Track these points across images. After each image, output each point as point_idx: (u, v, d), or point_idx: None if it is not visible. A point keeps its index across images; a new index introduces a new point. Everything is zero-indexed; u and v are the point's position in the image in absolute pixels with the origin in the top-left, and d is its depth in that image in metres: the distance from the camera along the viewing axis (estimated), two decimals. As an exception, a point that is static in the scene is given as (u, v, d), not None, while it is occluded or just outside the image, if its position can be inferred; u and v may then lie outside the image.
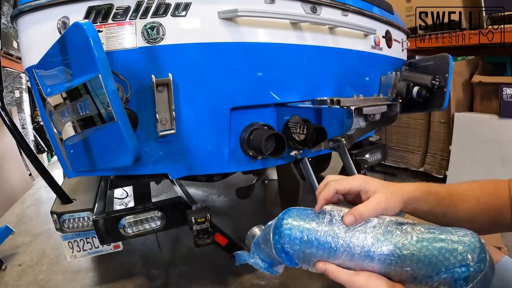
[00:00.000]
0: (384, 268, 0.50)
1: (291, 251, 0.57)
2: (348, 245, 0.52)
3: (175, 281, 1.86)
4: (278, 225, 0.59)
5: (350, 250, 0.52)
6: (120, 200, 2.80)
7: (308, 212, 0.59)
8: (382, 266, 0.50)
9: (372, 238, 0.51)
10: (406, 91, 1.64)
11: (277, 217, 0.61)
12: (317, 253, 0.54)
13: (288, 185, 1.49)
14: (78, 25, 0.83)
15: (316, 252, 0.54)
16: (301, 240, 0.55)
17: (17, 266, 2.11)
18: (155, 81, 1.00)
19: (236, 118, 1.21)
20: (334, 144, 1.52)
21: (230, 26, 1.07)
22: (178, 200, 1.39)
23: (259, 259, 0.67)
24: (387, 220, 0.53)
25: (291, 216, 0.59)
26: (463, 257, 0.45)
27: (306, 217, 0.58)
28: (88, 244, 1.40)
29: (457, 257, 0.45)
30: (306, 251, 0.55)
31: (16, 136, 1.33)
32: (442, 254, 0.46)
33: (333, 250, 0.53)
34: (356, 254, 0.51)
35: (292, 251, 0.57)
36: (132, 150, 0.89)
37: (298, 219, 0.58)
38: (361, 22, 1.43)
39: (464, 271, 0.44)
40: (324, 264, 0.54)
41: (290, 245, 0.56)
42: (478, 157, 2.62)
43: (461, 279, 0.44)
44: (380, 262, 0.49)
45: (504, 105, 2.49)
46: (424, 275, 0.47)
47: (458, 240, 0.46)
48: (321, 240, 0.54)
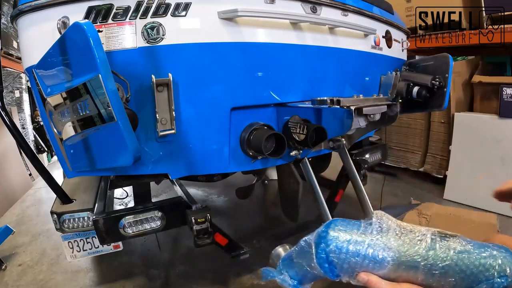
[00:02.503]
0: (427, 278, 0.51)
1: (335, 260, 0.56)
2: (395, 256, 0.52)
3: (175, 281, 1.86)
4: (324, 234, 0.58)
5: (396, 261, 0.52)
6: (120, 200, 2.80)
7: (354, 222, 0.59)
8: (425, 277, 0.51)
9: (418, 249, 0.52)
10: (406, 91, 1.64)
11: (321, 227, 0.61)
12: (362, 263, 0.54)
13: (288, 185, 1.49)
14: (78, 25, 0.83)
15: (361, 262, 0.54)
16: (348, 249, 0.55)
17: (17, 266, 2.11)
18: (155, 81, 1.00)
19: (236, 118, 1.20)
20: (334, 144, 1.52)
21: (230, 26, 1.07)
22: (178, 200, 1.39)
23: (288, 276, 0.67)
24: (431, 232, 0.54)
25: (338, 225, 0.59)
26: (502, 269, 0.48)
27: (352, 226, 0.58)
28: (88, 244, 1.40)
29: (496, 269, 0.48)
30: (351, 260, 0.54)
31: (16, 136, 1.33)
32: (483, 265, 0.49)
33: (379, 260, 0.53)
34: (401, 265, 0.52)
35: (336, 261, 0.56)
36: (132, 150, 0.89)
37: (345, 228, 0.58)
38: (361, 22, 1.43)
39: (503, 281, 0.48)
40: (366, 275, 0.54)
41: (336, 254, 0.56)
42: (478, 157, 2.62)
43: None
44: (425, 273, 0.51)
45: (504, 105, 2.49)
46: (466, 286, 0.49)
47: (497, 254, 0.50)
48: (368, 249, 0.54)
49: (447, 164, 2.90)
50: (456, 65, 2.76)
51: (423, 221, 2.38)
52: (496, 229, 2.14)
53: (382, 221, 0.57)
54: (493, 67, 3.09)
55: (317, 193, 1.49)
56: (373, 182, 3.16)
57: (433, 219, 2.35)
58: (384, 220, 0.57)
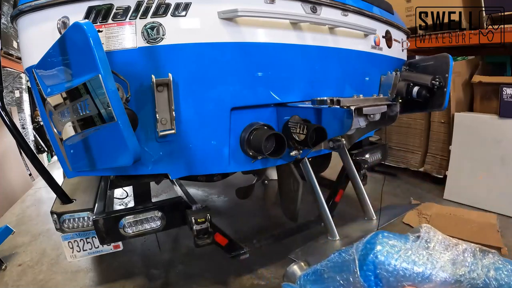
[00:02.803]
0: None
1: (383, 273, 0.55)
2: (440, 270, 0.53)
3: (175, 281, 1.86)
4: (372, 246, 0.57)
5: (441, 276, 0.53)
6: (120, 200, 2.80)
7: (401, 235, 0.59)
8: None
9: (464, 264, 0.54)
10: (406, 91, 1.64)
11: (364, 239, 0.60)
12: (409, 278, 0.54)
13: (288, 185, 1.49)
14: (78, 25, 0.83)
15: (408, 277, 0.54)
16: (396, 263, 0.55)
17: (17, 266, 2.11)
18: (155, 81, 1.00)
19: (236, 118, 1.20)
20: (334, 144, 1.52)
21: (230, 26, 1.07)
22: (178, 200, 1.39)
23: None
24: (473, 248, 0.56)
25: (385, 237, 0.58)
26: None
27: (399, 239, 0.58)
28: (88, 244, 1.40)
29: None
30: (399, 274, 0.54)
31: (16, 136, 1.33)
32: None
33: (426, 276, 0.53)
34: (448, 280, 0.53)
35: (384, 274, 0.55)
36: (132, 150, 0.89)
37: (392, 241, 0.58)
38: (361, 22, 1.43)
39: None
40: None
41: (384, 267, 0.55)
42: (478, 157, 2.62)
43: None
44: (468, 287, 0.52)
45: (504, 105, 2.49)
46: None
47: None
48: (415, 264, 0.54)
49: (447, 164, 2.90)
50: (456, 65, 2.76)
51: (423, 221, 2.38)
52: (496, 229, 2.14)
53: (430, 235, 0.57)
54: (493, 67, 3.09)
55: (317, 193, 1.49)
56: (373, 182, 3.16)
57: (433, 219, 2.35)
58: (431, 234, 0.57)
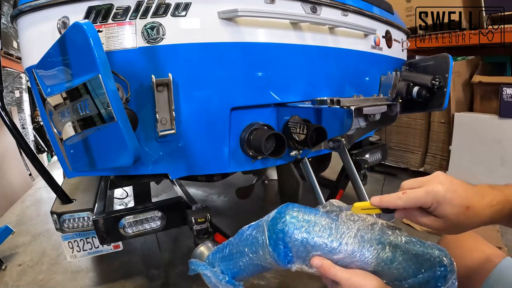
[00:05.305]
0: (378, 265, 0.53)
1: (292, 243, 0.55)
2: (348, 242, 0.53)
3: (175, 281, 1.86)
4: (282, 215, 0.57)
5: (349, 247, 0.53)
6: (120, 200, 2.80)
7: (311, 208, 0.60)
8: (377, 263, 0.53)
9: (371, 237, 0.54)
10: (406, 91, 1.63)
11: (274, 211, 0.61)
12: (318, 248, 0.54)
13: (288, 185, 1.49)
14: (78, 25, 0.83)
15: (317, 246, 0.54)
16: (306, 232, 0.54)
17: (17, 266, 2.11)
18: (155, 81, 1.00)
19: (236, 118, 1.20)
20: (334, 144, 1.52)
21: (230, 26, 1.07)
22: (178, 200, 1.39)
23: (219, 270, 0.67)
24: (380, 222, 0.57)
25: (294, 208, 0.59)
26: (440, 259, 0.53)
27: (308, 211, 0.58)
28: (88, 244, 1.40)
29: (436, 259, 0.53)
30: (309, 243, 0.54)
31: (16, 136, 1.33)
32: (425, 254, 0.54)
33: (335, 246, 0.53)
34: (355, 252, 0.53)
35: (291, 244, 0.55)
36: (132, 150, 0.89)
37: (301, 211, 0.58)
38: (361, 22, 1.43)
39: (443, 270, 0.53)
40: (320, 260, 0.53)
41: (291, 237, 0.55)
42: (478, 157, 2.62)
43: (441, 277, 0.52)
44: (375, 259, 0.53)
45: (504, 105, 2.49)
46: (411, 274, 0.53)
47: (432, 246, 0.55)
48: (323, 234, 0.54)
49: (447, 164, 2.90)
50: (456, 65, 2.76)
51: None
52: (496, 229, 2.15)
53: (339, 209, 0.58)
54: (493, 67, 3.09)
55: (317, 193, 1.49)
56: (373, 182, 3.16)
57: (433, 219, 2.35)
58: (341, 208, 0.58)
